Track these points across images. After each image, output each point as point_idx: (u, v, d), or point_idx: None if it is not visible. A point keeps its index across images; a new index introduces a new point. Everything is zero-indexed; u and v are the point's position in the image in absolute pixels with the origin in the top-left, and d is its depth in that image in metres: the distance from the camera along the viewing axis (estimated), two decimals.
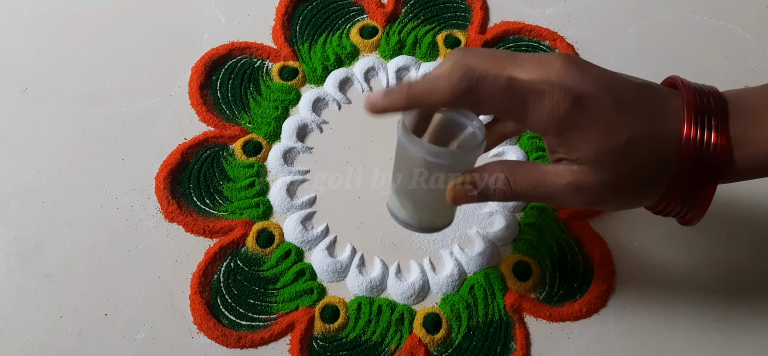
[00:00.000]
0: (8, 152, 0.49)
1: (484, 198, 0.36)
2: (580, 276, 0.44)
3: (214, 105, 0.51)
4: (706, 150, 0.33)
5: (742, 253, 0.45)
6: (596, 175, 0.34)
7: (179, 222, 0.46)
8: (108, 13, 0.56)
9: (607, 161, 0.33)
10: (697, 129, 0.33)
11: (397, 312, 0.43)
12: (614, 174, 0.34)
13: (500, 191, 0.36)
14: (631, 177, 0.34)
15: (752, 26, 0.55)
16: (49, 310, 0.43)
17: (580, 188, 0.34)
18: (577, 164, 0.34)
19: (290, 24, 0.55)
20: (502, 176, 0.36)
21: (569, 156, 0.34)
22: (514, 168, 0.36)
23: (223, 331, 0.42)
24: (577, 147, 0.33)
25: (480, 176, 0.36)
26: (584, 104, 0.33)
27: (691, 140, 0.33)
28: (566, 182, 0.34)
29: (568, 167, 0.34)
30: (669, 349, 0.42)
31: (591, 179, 0.34)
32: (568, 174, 0.34)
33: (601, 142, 0.33)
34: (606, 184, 0.34)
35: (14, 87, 0.52)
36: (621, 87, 0.34)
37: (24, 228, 0.46)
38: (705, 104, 0.34)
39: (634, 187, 0.35)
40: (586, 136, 0.33)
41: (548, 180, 0.35)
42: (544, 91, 0.33)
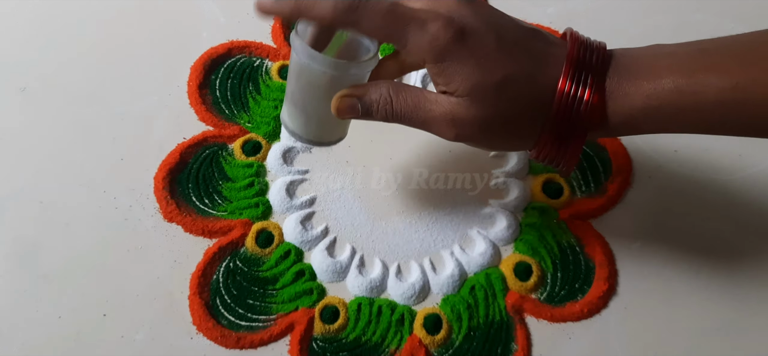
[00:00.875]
0: (6, 152, 0.49)
1: (366, 114, 0.37)
2: (581, 276, 0.44)
3: (213, 104, 0.51)
4: (578, 104, 0.34)
5: (743, 253, 0.45)
6: (470, 109, 0.34)
7: (178, 222, 0.45)
8: (108, 13, 0.55)
9: (481, 96, 0.34)
10: (572, 83, 0.34)
11: (397, 313, 0.43)
12: (487, 111, 0.34)
13: (383, 109, 0.36)
14: (503, 116, 0.35)
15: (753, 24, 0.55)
16: (47, 311, 0.42)
17: (455, 120, 0.35)
18: (455, 96, 0.35)
19: (290, 23, 0.55)
20: (386, 92, 0.36)
21: (447, 88, 0.35)
22: (399, 88, 0.36)
23: (222, 332, 0.42)
24: (454, 79, 0.34)
25: (365, 90, 0.37)
26: (466, 37, 0.34)
27: (565, 94, 0.34)
28: (442, 112, 0.35)
29: (446, 98, 0.35)
30: (671, 350, 0.42)
31: (465, 113, 0.35)
32: (446, 104, 0.35)
33: (476, 76, 0.34)
34: (478, 119, 0.35)
35: (13, 87, 0.52)
36: (508, 28, 0.35)
37: (22, 228, 0.45)
38: (586, 60, 0.35)
39: (506, 127, 0.35)
40: (463, 68, 0.34)
41: (427, 106, 0.36)
42: (426, 20, 0.34)
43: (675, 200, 0.47)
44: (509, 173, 0.48)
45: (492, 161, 0.48)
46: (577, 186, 0.47)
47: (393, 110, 0.36)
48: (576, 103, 0.34)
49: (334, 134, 0.41)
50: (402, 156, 0.48)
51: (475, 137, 0.36)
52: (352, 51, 0.39)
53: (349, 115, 0.37)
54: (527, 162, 0.48)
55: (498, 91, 0.34)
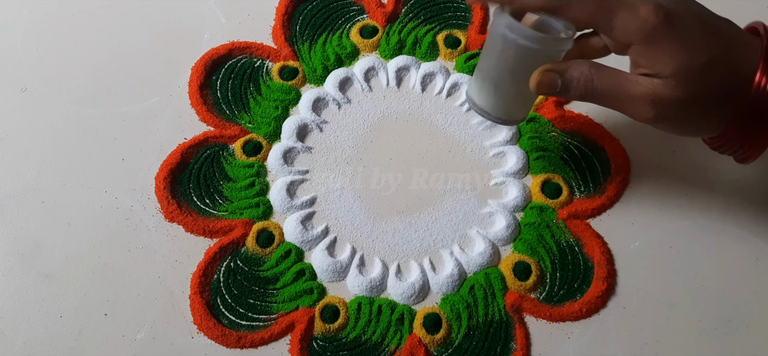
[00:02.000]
0: (8, 152, 0.49)
1: (564, 92, 0.38)
2: (580, 276, 0.44)
3: (214, 105, 0.51)
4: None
5: (742, 253, 0.45)
6: (675, 89, 0.36)
7: (179, 222, 0.46)
8: (108, 13, 0.56)
9: (687, 76, 0.35)
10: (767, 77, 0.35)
11: (397, 312, 0.43)
12: (691, 91, 0.36)
13: (582, 86, 0.37)
14: (705, 97, 0.36)
15: None
16: (49, 310, 0.43)
17: (656, 100, 0.36)
18: (658, 77, 0.36)
19: (290, 24, 0.55)
20: (587, 69, 0.37)
21: (651, 69, 0.36)
22: (599, 67, 0.37)
23: (223, 331, 0.42)
24: (661, 60, 0.35)
25: (567, 67, 0.38)
26: (673, 20, 0.35)
27: (761, 86, 0.35)
28: (644, 92, 0.36)
29: (648, 79, 0.36)
30: (669, 349, 0.42)
31: (668, 93, 0.36)
32: (648, 84, 0.36)
33: (684, 58, 0.35)
34: (681, 99, 0.36)
35: (14, 87, 0.52)
36: (707, 14, 0.37)
37: (24, 228, 0.46)
38: None
39: (705, 108, 0.37)
40: (671, 50, 0.35)
41: (627, 85, 0.37)
42: (635, 4, 0.35)
43: (673, 200, 0.47)
44: (508, 173, 0.48)
45: (492, 161, 0.49)
46: (576, 186, 0.48)
47: (593, 86, 0.37)
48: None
49: (519, 113, 0.42)
50: (402, 156, 0.49)
51: (673, 117, 0.37)
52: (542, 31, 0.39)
53: (548, 89, 0.38)
54: (526, 162, 0.48)
55: (702, 73, 0.35)
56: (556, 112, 0.50)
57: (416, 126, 0.50)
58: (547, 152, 0.49)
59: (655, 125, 0.38)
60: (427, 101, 0.51)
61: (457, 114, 0.50)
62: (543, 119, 0.50)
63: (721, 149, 0.39)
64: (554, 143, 0.49)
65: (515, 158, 0.48)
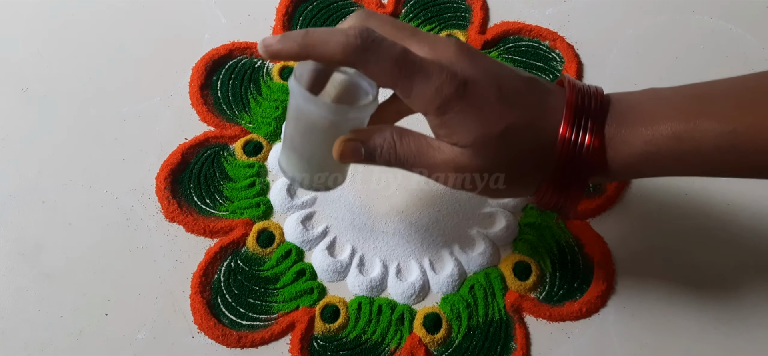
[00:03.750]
0: (8, 152, 0.49)
1: (370, 158, 0.36)
2: (580, 275, 0.44)
3: (214, 105, 0.51)
4: (579, 150, 0.35)
5: (742, 253, 0.45)
6: (473, 159, 0.35)
7: (180, 222, 0.46)
8: (108, 13, 0.56)
9: (484, 147, 0.34)
10: (573, 130, 0.35)
11: (397, 312, 0.43)
12: (490, 161, 0.35)
13: (386, 153, 0.36)
14: (506, 165, 0.35)
15: (752, 26, 0.55)
16: (49, 310, 0.43)
17: (458, 168, 0.35)
18: (458, 146, 0.35)
19: (290, 24, 0.55)
20: (389, 136, 0.36)
21: (449, 139, 0.35)
22: (402, 133, 0.36)
23: (223, 331, 0.42)
24: (457, 131, 0.34)
25: (369, 135, 0.36)
26: (468, 90, 0.34)
27: (567, 140, 0.35)
28: (445, 159, 0.35)
29: (449, 146, 0.35)
30: (669, 349, 0.42)
31: (468, 162, 0.35)
32: (448, 152, 0.35)
33: (479, 128, 0.34)
34: (482, 169, 0.35)
35: (15, 87, 0.52)
36: (507, 78, 0.35)
37: (24, 228, 0.46)
38: (585, 105, 0.35)
39: (509, 175, 0.36)
40: (466, 121, 0.34)
41: (430, 152, 0.36)
42: (432, 72, 0.33)
43: (673, 199, 0.47)
44: None
45: None
46: None
47: (396, 155, 0.36)
48: (578, 148, 0.35)
49: (334, 180, 0.40)
50: None
51: (476, 185, 0.36)
52: (349, 95, 0.38)
53: (351, 159, 0.36)
54: None
55: (500, 141, 0.34)
56: None
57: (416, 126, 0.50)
58: None
59: (464, 190, 0.37)
60: None
61: None
62: None
63: (540, 206, 0.38)
64: None
65: None
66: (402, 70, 0.33)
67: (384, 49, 0.33)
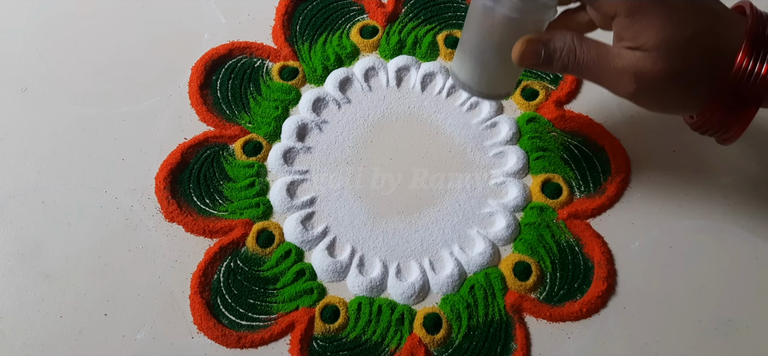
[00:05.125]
0: (8, 152, 0.49)
1: (547, 63, 0.37)
2: (580, 276, 0.44)
3: (214, 105, 0.51)
4: (755, 79, 0.35)
5: (742, 253, 0.45)
6: (657, 63, 0.35)
7: (179, 222, 0.46)
8: (108, 13, 0.56)
9: (669, 50, 0.35)
10: (750, 58, 0.35)
11: (397, 312, 0.43)
12: (673, 65, 0.35)
13: (565, 57, 0.37)
14: (686, 73, 0.36)
15: None
16: (49, 310, 0.43)
17: (638, 74, 0.36)
18: (641, 50, 0.35)
19: (290, 24, 0.55)
20: (570, 40, 0.37)
21: (634, 42, 0.35)
22: (583, 39, 0.37)
23: (223, 331, 0.42)
24: (644, 32, 0.35)
25: (550, 37, 0.37)
26: None
27: (743, 67, 0.35)
28: (626, 65, 0.36)
29: (631, 52, 0.36)
30: (669, 350, 0.42)
31: (651, 66, 0.35)
32: (630, 57, 0.36)
33: (667, 30, 0.35)
34: (662, 74, 0.35)
35: (14, 87, 0.52)
36: None
37: (24, 228, 0.46)
38: (765, 35, 0.35)
39: (684, 86, 0.36)
40: (654, 23, 0.35)
41: (610, 58, 0.36)
42: None
43: (674, 200, 0.47)
44: (509, 172, 0.48)
45: (492, 161, 0.49)
46: (576, 186, 0.48)
47: (576, 58, 0.37)
48: (753, 77, 0.35)
49: (503, 87, 0.41)
50: (402, 156, 0.49)
51: (654, 92, 0.36)
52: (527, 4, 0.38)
53: (530, 60, 0.37)
54: (526, 162, 0.48)
55: (685, 47, 0.35)
56: (556, 112, 0.50)
57: (416, 126, 0.50)
58: (547, 152, 0.49)
59: (636, 101, 0.37)
60: (427, 101, 0.51)
61: (457, 114, 0.50)
62: (543, 119, 0.50)
63: (701, 129, 0.38)
64: (554, 143, 0.49)
65: (515, 158, 0.48)
66: None
67: None
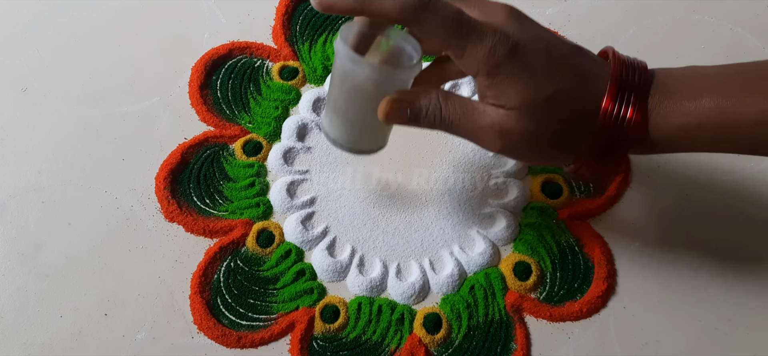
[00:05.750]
0: (8, 152, 0.49)
1: (414, 120, 0.37)
2: (580, 276, 0.44)
3: (214, 105, 0.51)
4: (620, 123, 0.35)
5: (742, 253, 0.45)
6: (519, 122, 0.35)
7: (179, 222, 0.46)
8: (108, 13, 0.56)
9: (531, 110, 0.35)
10: (615, 103, 0.35)
11: (397, 312, 0.43)
12: (536, 125, 0.35)
13: (431, 115, 0.36)
14: (551, 130, 0.35)
15: (752, 26, 0.55)
16: (49, 310, 0.43)
17: (502, 132, 0.35)
18: (504, 109, 0.35)
19: (290, 24, 0.55)
20: (436, 98, 0.36)
21: (497, 101, 0.35)
22: (448, 95, 0.36)
23: (223, 331, 0.42)
24: (505, 92, 0.35)
25: (415, 96, 0.37)
26: (519, 53, 0.34)
27: (609, 112, 0.35)
28: (491, 122, 0.35)
29: (495, 109, 0.35)
30: (669, 350, 0.42)
31: (514, 125, 0.35)
32: (494, 115, 0.35)
33: (529, 91, 0.34)
34: (527, 132, 0.35)
35: (14, 87, 0.52)
36: (555, 44, 0.36)
37: (24, 228, 0.46)
38: (628, 78, 0.35)
39: (552, 141, 0.36)
40: (516, 83, 0.34)
41: (475, 115, 0.36)
42: (485, 33, 0.34)
43: (674, 200, 0.47)
44: (509, 173, 0.48)
45: (492, 161, 0.49)
46: (576, 186, 0.48)
47: (441, 116, 0.36)
48: (619, 121, 0.35)
49: (375, 142, 0.41)
50: (402, 156, 0.49)
51: (520, 149, 0.36)
52: (392, 60, 0.38)
53: (396, 120, 0.37)
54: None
55: (547, 105, 0.35)
56: None
57: None
58: None
59: (505, 155, 0.37)
60: None
61: None
62: None
63: (576, 175, 0.38)
64: None
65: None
66: (457, 30, 0.34)
67: (440, 8, 0.34)
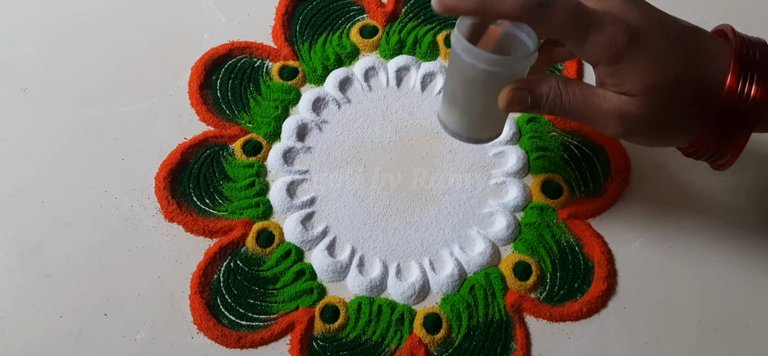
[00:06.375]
0: (8, 152, 0.49)
1: (535, 107, 0.37)
2: (580, 276, 0.44)
3: (214, 105, 0.51)
4: (745, 100, 0.35)
5: (742, 253, 0.45)
6: (641, 107, 0.35)
7: (179, 222, 0.46)
8: (108, 13, 0.56)
9: (654, 94, 0.35)
10: (739, 80, 0.35)
11: (397, 312, 0.43)
12: (658, 108, 0.35)
13: (551, 101, 0.37)
14: (673, 112, 0.36)
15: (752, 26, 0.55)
16: (49, 310, 0.43)
17: (623, 116, 0.36)
18: (626, 95, 0.35)
19: (290, 24, 0.55)
20: (556, 85, 0.37)
21: (618, 88, 0.35)
22: (568, 82, 0.37)
23: (223, 331, 0.42)
24: (627, 80, 0.35)
25: (534, 84, 0.37)
26: (640, 39, 0.34)
27: (733, 90, 0.35)
28: (611, 108, 0.36)
29: (616, 95, 0.36)
30: (669, 350, 0.42)
31: (636, 110, 0.35)
32: (615, 100, 0.36)
33: (651, 76, 0.35)
34: (648, 116, 0.35)
35: (14, 87, 0.52)
36: (673, 26, 0.36)
37: (24, 228, 0.46)
38: (751, 55, 0.35)
39: (673, 123, 0.36)
40: (638, 69, 0.35)
41: (596, 100, 0.36)
42: (604, 21, 0.34)
43: (673, 200, 0.47)
44: (509, 172, 0.48)
45: (492, 161, 0.49)
46: (576, 186, 0.48)
47: (562, 102, 0.37)
48: (743, 98, 0.35)
49: (493, 131, 0.41)
50: (402, 156, 0.49)
51: (642, 133, 0.36)
52: (506, 48, 0.38)
53: (517, 108, 0.37)
54: (526, 162, 0.48)
55: (669, 90, 0.35)
56: None
57: (416, 126, 0.50)
58: (548, 152, 0.49)
59: (625, 139, 0.38)
60: (427, 101, 0.51)
61: None
62: (543, 119, 0.50)
63: (695, 155, 0.38)
64: (554, 142, 0.49)
65: (515, 158, 0.48)
66: (578, 24, 0.34)
67: (560, 3, 0.34)
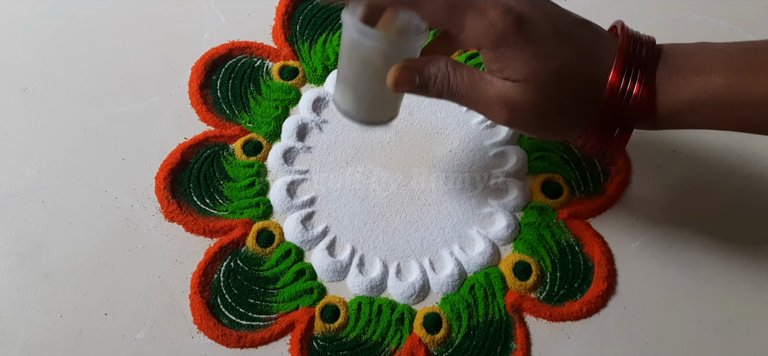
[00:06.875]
0: (8, 152, 0.49)
1: (423, 88, 0.37)
2: (580, 275, 0.44)
3: (214, 105, 0.51)
4: (627, 99, 0.35)
5: (742, 253, 0.45)
6: (525, 94, 0.35)
7: (179, 222, 0.46)
8: (108, 13, 0.56)
9: (538, 82, 0.35)
10: (622, 77, 0.35)
11: (397, 312, 0.43)
12: (541, 97, 0.35)
13: (439, 83, 0.36)
14: (557, 103, 0.35)
15: (752, 26, 0.55)
16: (49, 310, 0.43)
17: (508, 102, 0.35)
18: (510, 81, 0.35)
19: (290, 23, 0.55)
20: (444, 67, 0.36)
21: (503, 73, 0.35)
22: (456, 65, 0.36)
23: (223, 331, 0.42)
24: (511, 65, 0.35)
25: (423, 64, 0.37)
26: (523, 24, 0.34)
27: (616, 87, 0.35)
28: (497, 93, 0.35)
29: (502, 81, 0.35)
30: (669, 350, 0.42)
31: (520, 97, 0.35)
32: (501, 86, 0.35)
33: (533, 63, 0.34)
34: (533, 104, 0.35)
35: (14, 87, 0.52)
36: (562, 18, 0.36)
37: (24, 228, 0.46)
38: (636, 53, 0.35)
39: (558, 114, 0.36)
40: (521, 55, 0.34)
41: (482, 85, 0.36)
42: (484, 7, 0.34)
43: (673, 199, 0.47)
44: (509, 172, 0.48)
45: (492, 161, 0.49)
46: (576, 186, 0.48)
47: (449, 85, 0.36)
48: (625, 96, 0.35)
49: (386, 113, 0.41)
50: (402, 156, 0.49)
51: (526, 121, 0.36)
52: (402, 31, 0.38)
53: (405, 88, 0.37)
54: (526, 162, 0.48)
55: (553, 78, 0.35)
56: None
57: (416, 126, 0.50)
58: (548, 151, 0.49)
59: (511, 127, 0.37)
60: (427, 101, 0.51)
61: (457, 114, 0.50)
62: None
63: (584, 150, 0.38)
64: (554, 142, 0.49)
65: (515, 157, 0.48)
66: (453, 8, 0.34)
67: None
